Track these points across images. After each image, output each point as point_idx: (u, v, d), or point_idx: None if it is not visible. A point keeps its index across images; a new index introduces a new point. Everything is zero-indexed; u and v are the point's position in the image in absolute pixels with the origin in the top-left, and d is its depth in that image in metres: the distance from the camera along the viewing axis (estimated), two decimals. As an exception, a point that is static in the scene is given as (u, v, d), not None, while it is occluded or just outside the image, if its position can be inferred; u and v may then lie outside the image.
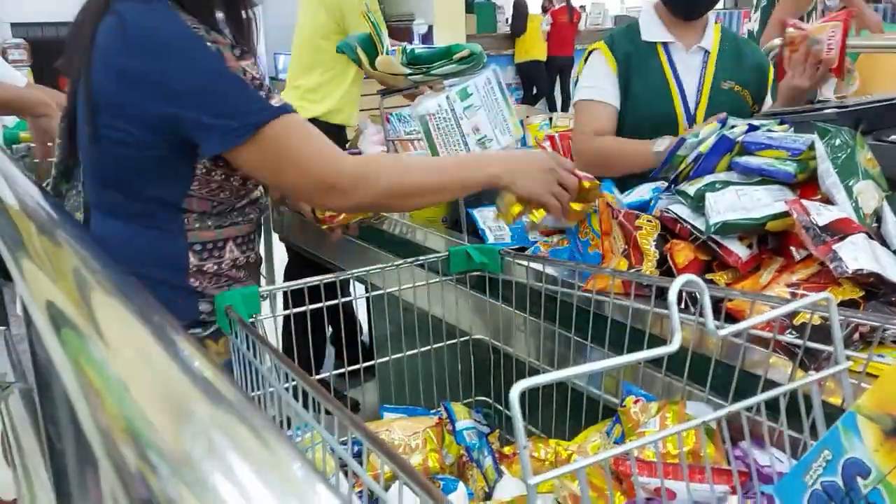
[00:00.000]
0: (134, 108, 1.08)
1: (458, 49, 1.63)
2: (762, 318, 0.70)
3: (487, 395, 1.31)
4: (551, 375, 0.57)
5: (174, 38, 1.05)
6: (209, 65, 1.05)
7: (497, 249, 1.25)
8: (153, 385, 0.32)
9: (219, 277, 1.21)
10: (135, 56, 1.06)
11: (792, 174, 1.16)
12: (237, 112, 1.06)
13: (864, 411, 0.61)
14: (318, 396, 0.76)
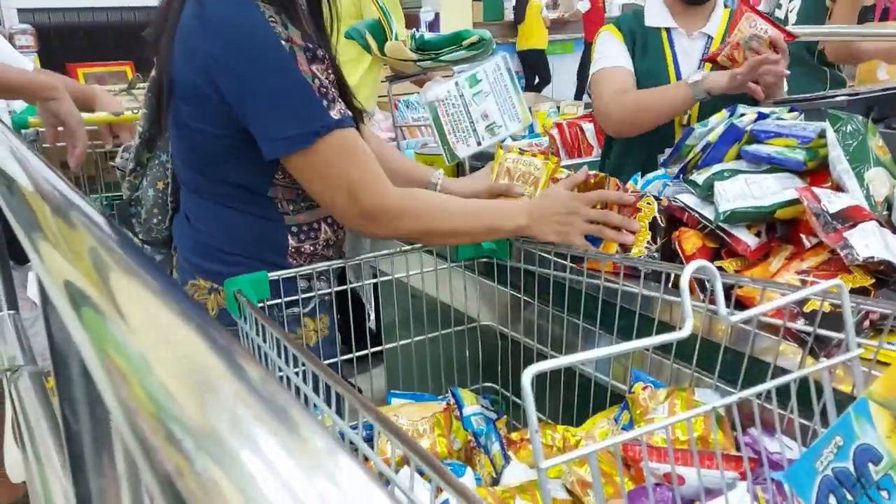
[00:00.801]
0: (208, 98, 1.09)
1: (466, 35, 1.63)
2: (773, 305, 0.71)
3: (495, 381, 1.32)
4: (562, 360, 0.57)
5: (250, 33, 1.04)
6: (280, 66, 1.04)
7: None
8: (176, 361, 0.33)
9: (314, 257, 1.23)
10: (210, 47, 1.06)
11: (802, 162, 1.16)
12: (296, 121, 1.06)
13: (877, 397, 0.61)
14: (328, 380, 0.76)
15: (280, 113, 1.06)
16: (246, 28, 1.05)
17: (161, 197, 1.34)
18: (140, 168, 1.35)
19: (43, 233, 0.56)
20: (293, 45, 1.05)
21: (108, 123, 1.78)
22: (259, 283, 1.10)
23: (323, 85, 1.07)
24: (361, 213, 1.12)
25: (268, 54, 1.04)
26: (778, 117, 1.29)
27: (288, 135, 1.06)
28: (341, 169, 1.09)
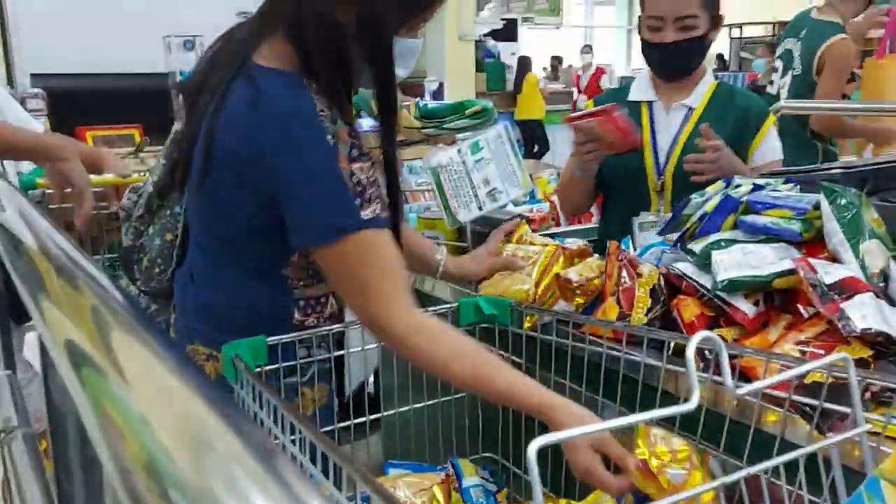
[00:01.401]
0: (245, 176, 1.10)
1: (470, 104, 1.67)
2: (781, 378, 0.70)
3: (495, 450, 1.30)
4: (570, 432, 0.56)
5: (298, 122, 1.06)
6: (320, 159, 1.06)
7: (507, 302, 1.26)
8: (174, 421, 0.33)
9: (317, 329, 1.22)
10: (260, 128, 1.07)
11: (798, 233, 1.17)
12: (326, 214, 1.07)
13: (888, 476, 0.60)
14: (325, 449, 0.75)
15: (313, 204, 1.07)
16: (296, 117, 1.06)
17: (168, 249, 1.32)
18: (148, 215, 1.34)
19: (47, 292, 0.57)
20: (338, 141, 1.07)
21: (115, 185, 1.81)
22: (257, 347, 1.10)
23: (360, 183, 1.08)
24: (369, 319, 1.11)
25: (311, 145, 1.06)
26: (773, 189, 1.31)
27: (315, 225, 1.08)
28: (363, 270, 1.08)
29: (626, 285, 1.22)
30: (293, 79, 1.09)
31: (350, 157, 1.07)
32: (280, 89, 1.08)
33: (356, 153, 1.08)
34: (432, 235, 1.74)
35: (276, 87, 1.08)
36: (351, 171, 1.07)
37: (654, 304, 1.19)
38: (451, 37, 7.89)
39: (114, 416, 0.36)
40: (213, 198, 1.17)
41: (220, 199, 1.16)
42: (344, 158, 1.07)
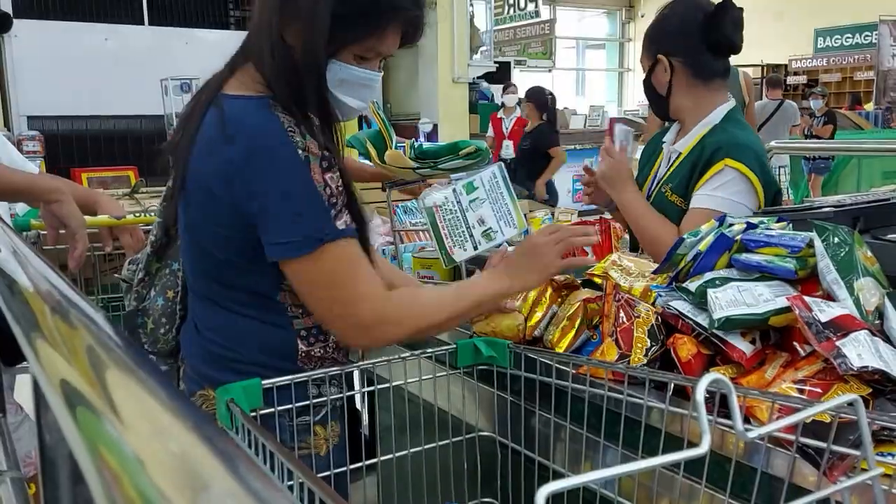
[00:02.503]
0: (220, 199, 1.11)
1: (464, 145, 1.69)
2: (791, 420, 0.70)
3: (494, 495, 1.27)
4: (578, 479, 0.55)
5: (268, 138, 1.08)
6: (294, 172, 1.08)
7: (506, 343, 1.25)
8: (170, 461, 0.32)
9: (324, 361, 1.22)
10: (229, 150, 1.09)
11: (793, 270, 1.18)
12: (303, 226, 1.08)
13: None
14: (325, 497, 0.74)
15: (288, 217, 1.08)
16: (265, 133, 1.08)
17: (170, 306, 1.33)
18: (148, 278, 1.36)
19: (41, 332, 0.57)
20: (309, 155, 1.08)
21: (109, 227, 1.81)
22: (252, 390, 1.08)
23: (333, 194, 1.10)
24: (359, 324, 1.12)
25: (284, 160, 1.07)
26: (766, 227, 1.32)
27: (293, 239, 1.08)
28: (343, 278, 1.11)
29: (623, 325, 1.22)
30: (260, 101, 1.11)
31: (322, 168, 1.09)
32: (246, 111, 1.11)
33: (327, 164, 1.10)
34: (427, 275, 1.75)
35: (242, 109, 1.11)
36: (325, 183, 1.09)
37: (652, 344, 1.19)
38: (444, 79, 8.00)
39: (108, 457, 0.35)
40: (196, 232, 1.18)
41: (201, 232, 1.17)
42: (317, 170, 1.08)
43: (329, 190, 1.09)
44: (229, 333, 1.21)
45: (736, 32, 1.70)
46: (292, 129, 1.09)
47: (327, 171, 1.10)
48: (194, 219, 1.17)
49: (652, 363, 1.18)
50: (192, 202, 1.16)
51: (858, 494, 0.80)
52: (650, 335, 1.20)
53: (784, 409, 0.94)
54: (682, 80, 1.75)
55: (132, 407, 0.39)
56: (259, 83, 1.13)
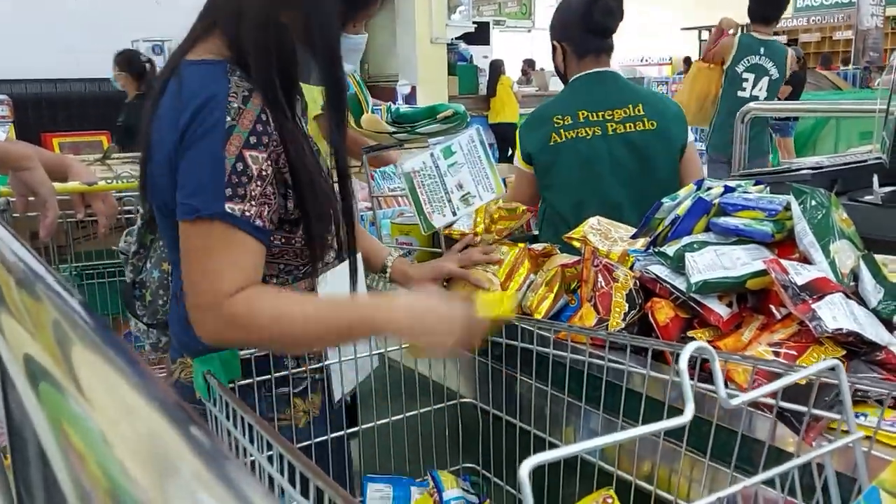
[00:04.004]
0: (175, 166, 1.08)
1: (441, 108, 1.66)
2: (774, 387, 0.70)
3: (475, 461, 1.28)
4: (565, 450, 0.55)
5: (204, 102, 1.05)
6: (205, 136, 1.04)
7: None
8: (136, 440, 0.32)
9: None
10: (179, 113, 1.06)
11: (770, 234, 1.18)
12: (192, 192, 1.05)
13: (888, 486, 0.58)
14: (303, 468, 0.73)
15: (187, 180, 1.05)
16: (204, 97, 1.05)
17: (166, 278, 1.33)
18: (143, 250, 1.35)
19: (6, 305, 0.55)
20: (237, 125, 1.04)
21: (81, 193, 1.77)
22: (230, 362, 1.07)
23: (245, 174, 1.04)
24: (194, 304, 1.06)
25: (206, 123, 1.04)
26: (744, 191, 1.32)
27: (182, 201, 1.05)
28: (201, 258, 1.05)
29: (602, 290, 1.22)
30: (215, 66, 1.08)
31: (246, 142, 1.04)
32: (198, 76, 1.08)
33: (255, 141, 1.05)
34: (406, 241, 1.73)
35: (195, 74, 1.09)
36: (239, 157, 1.04)
37: (630, 309, 1.19)
38: (422, 40, 7.89)
39: (72, 435, 0.34)
40: (159, 198, 1.15)
41: (164, 198, 1.14)
42: (236, 143, 1.04)
43: (241, 166, 1.04)
44: None
45: (608, 17, 2.01)
46: (235, 94, 1.05)
47: (251, 148, 1.04)
48: (157, 186, 1.14)
49: (630, 327, 1.19)
50: (154, 171, 1.14)
51: (836, 455, 0.81)
52: (628, 300, 1.20)
53: (761, 373, 0.95)
54: (569, 58, 2.09)
55: (98, 384, 0.38)
56: (222, 48, 1.11)
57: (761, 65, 4.25)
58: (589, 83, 2.05)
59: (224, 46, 1.11)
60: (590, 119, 2.00)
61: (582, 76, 2.06)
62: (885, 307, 1.07)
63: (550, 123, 2.01)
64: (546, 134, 2.01)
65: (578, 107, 2.01)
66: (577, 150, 1.98)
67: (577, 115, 2.00)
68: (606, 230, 1.45)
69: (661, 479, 1.01)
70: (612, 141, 1.99)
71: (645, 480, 1.02)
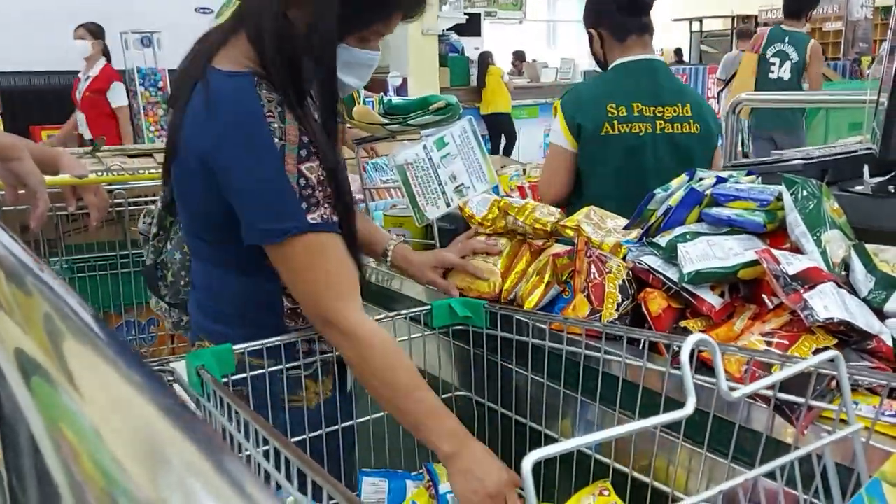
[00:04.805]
0: (203, 174, 1.12)
1: (434, 100, 1.66)
2: (774, 379, 0.70)
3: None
4: (566, 444, 0.55)
5: (244, 124, 1.08)
6: (264, 160, 1.07)
7: (482, 303, 1.25)
8: (129, 433, 0.31)
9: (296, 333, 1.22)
10: (211, 130, 1.10)
11: (761, 224, 1.18)
12: (271, 216, 1.09)
13: (890, 478, 0.58)
14: (298, 463, 0.73)
15: (258, 205, 1.10)
16: (242, 118, 1.08)
17: (187, 260, 1.37)
18: (163, 232, 1.39)
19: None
20: (286, 143, 1.07)
21: (73, 186, 1.76)
22: (223, 356, 1.07)
23: (309, 185, 1.09)
24: (319, 317, 1.13)
25: (257, 147, 1.07)
26: (736, 181, 1.32)
27: (262, 227, 1.10)
28: (308, 272, 1.11)
29: (595, 281, 1.23)
30: (244, 79, 1.10)
31: (299, 157, 1.08)
32: (229, 90, 1.10)
33: (305, 153, 1.09)
34: (399, 233, 1.73)
35: (226, 88, 1.11)
36: (299, 173, 1.08)
37: (623, 300, 1.20)
38: (414, 32, 7.87)
39: (65, 428, 0.34)
40: (187, 199, 1.21)
41: (191, 199, 1.20)
42: (292, 160, 1.08)
43: (303, 181, 1.08)
44: (216, 286, 1.25)
45: None
46: (271, 112, 1.08)
47: (305, 160, 1.09)
48: (181, 182, 1.20)
49: (623, 318, 1.19)
50: (179, 166, 1.18)
51: (833, 445, 0.82)
52: (621, 290, 1.20)
53: (754, 363, 0.96)
54: (609, 44, 2.01)
55: (90, 378, 0.38)
56: (249, 58, 1.13)
57: (785, 51, 5.38)
58: (638, 71, 1.97)
59: (248, 52, 1.13)
60: (643, 114, 1.93)
61: (630, 62, 1.97)
62: (876, 296, 1.08)
63: (604, 111, 1.92)
64: (598, 121, 1.92)
65: (632, 98, 1.93)
66: (628, 144, 1.91)
67: (632, 107, 1.92)
68: (600, 220, 1.45)
69: (658, 471, 1.01)
70: (658, 140, 1.92)
71: (641, 472, 1.02)
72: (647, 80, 1.96)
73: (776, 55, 5.42)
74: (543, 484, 1.11)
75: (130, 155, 2.76)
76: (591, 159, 1.94)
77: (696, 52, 14.34)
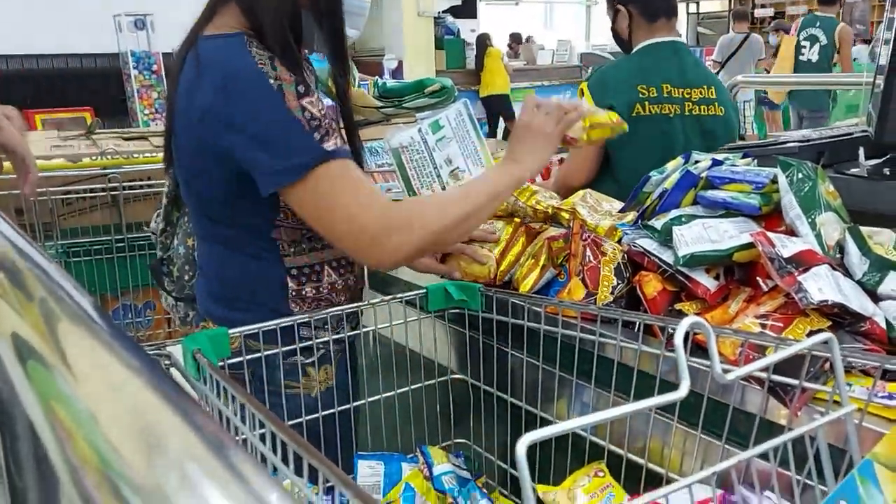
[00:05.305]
0: (204, 142, 1.11)
1: (429, 83, 1.65)
2: (768, 361, 0.70)
3: (467, 437, 1.29)
4: (560, 426, 0.55)
5: (237, 74, 1.07)
6: (268, 103, 1.06)
7: (477, 287, 1.25)
8: (124, 417, 0.31)
9: (318, 302, 1.23)
10: (205, 92, 1.09)
11: (757, 207, 1.18)
12: (286, 153, 1.07)
13: (882, 459, 0.58)
14: (298, 450, 0.73)
15: (270, 148, 1.07)
16: (234, 69, 1.08)
17: (191, 254, 1.37)
18: (170, 227, 1.40)
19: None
20: (282, 83, 1.07)
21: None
22: (219, 340, 1.07)
23: (314, 118, 1.08)
24: (366, 235, 1.10)
25: (255, 92, 1.07)
26: (732, 164, 1.32)
27: (279, 168, 1.07)
28: (339, 198, 1.09)
29: (591, 264, 1.23)
30: (234, 38, 1.11)
31: (297, 93, 1.08)
32: (220, 48, 1.10)
33: (303, 89, 1.09)
34: (394, 216, 1.73)
35: (215, 49, 1.11)
36: (302, 108, 1.08)
37: (618, 283, 1.20)
38: (409, 14, 7.82)
39: (61, 412, 0.34)
40: (186, 172, 1.20)
41: (190, 172, 1.18)
42: (292, 97, 1.07)
43: (308, 114, 1.08)
44: (221, 269, 1.24)
45: None
46: (263, 62, 1.08)
47: (304, 96, 1.08)
48: (183, 160, 1.19)
49: (618, 301, 1.19)
50: (180, 144, 1.17)
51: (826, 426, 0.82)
52: (616, 273, 1.20)
53: (749, 345, 0.96)
54: (637, 23, 1.99)
55: (86, 362, 0.38)
56: (239, 23, 1.13)
57: (815, 35, 6.15)
58: (666, 53, 1.95)
59: (239, 18, 1.13)
60: (672, 95, 1.91)
61: (656, 44, 1.96)
62: (870, 278, 1.08)
63: (635, 91, 1.90)
64: (630, 101, 1.90)
65: (662, 79, 1.91)
66: (659, 126, 1.89)
67: (662, 88, 1.90)
68: (596, 203, 1.45)
69: (653, 452, 1.02)
70: (687, 122, 1.91)
71: (636, 454, 1.03)
72: (675, 61, 1.95)
73: (807, 39, 6.19)
74: (539, 465, 1.12)
75: (125, 138, 2.75)
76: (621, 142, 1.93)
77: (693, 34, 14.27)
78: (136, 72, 6.03)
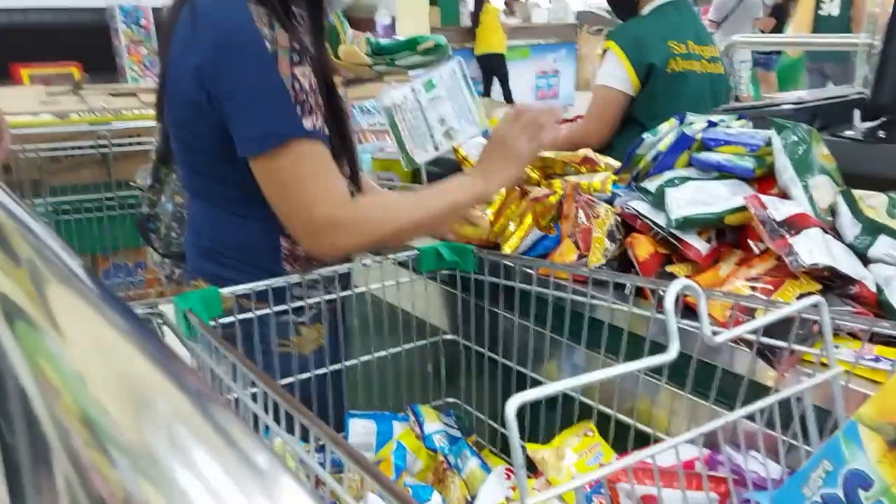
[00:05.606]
0: (199, 100, 1.09)
1: (422, 40, 1.63)
2: (758, 324, 0.71)
3: (458, 396, 1.30)
4: (550, 388, 0.55)
5: (233, 32, 1.05)
6: (259, 66, 1.05)
7: (470, 248, 1.25)
8: (112, 377, 0.31)
9: (310, 262, 1.22)
10: (199, 47, 1.07)
11: (750, 169, 1.18)
12: (266, 122, 1.06)
13: (866, 421, 0.58)
14: (290, 409, 0.73)
15: (253, 112, 1.06)
16: (230, 27, 1.06)
17: (179, 211, 1.37)
18: (158, 184, 1.38)
19: (-23, 242, 0.54)
20: (277, 47, 1.05)
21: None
22: (211, 299, 1.06)
23: (303, 90, 1.07)
24: (311, 226, 1.11)
25: (248, 53, 1.05)
26: (726, 125, 1.32)
27: (256, 134, 1.06)
28: (301, 178, 1.09)
29: (583, 226, 1.23)
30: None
31: (291, 61, 1.06)
32: (217, 5, 1.08)
33: (297, 58, 1.07)
34: (387, 177, 1.72)
35: (213, 3, 1.08)
36: (293, 77, 1.06)
37: (611, 244, 1.20)
38: (403, -31, 7.67)
39: (49, 372, 0.34)
40: (178, 127, 1.18)
41: (182, 126, 1.16)
42: (285, 64, 1.06)
43: (297, 85, 1.06)
44: (214, 227, 1.23)
45: None
46: (261, 19, 1.06)
47: (297, 65, 1.07)
48: (175, 114, 1.17)
49: (610, 263, 1.19)
50: (172, 98, 1.16)
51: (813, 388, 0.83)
52: (609, 236, 1.20)
53: (739, 308, 0.96)
54: None
55: (73, 321, 0.38)
56: None
57: None
58: (679, 10, 1.94)
59: None
60: (695, 52, 1.90)
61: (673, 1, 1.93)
62: (861, 241, 1.09)
63: (667, 48, 1.88)
64: (664, 57, 1.88)
65: (686, 35, 1.89)
66: (689, 83, 1.88)
67: (687, 44, 1.89)
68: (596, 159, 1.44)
69: (641, 413, 1.03)
70: (703, 79, 1.91)
71: (625, 414, 1.04)
72: (687, 16, 1.95)
73: None
74: (529, 425, 1.14)
75: (114, 94, 2.71)
76: (652, 98, 1.91)
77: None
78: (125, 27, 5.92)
